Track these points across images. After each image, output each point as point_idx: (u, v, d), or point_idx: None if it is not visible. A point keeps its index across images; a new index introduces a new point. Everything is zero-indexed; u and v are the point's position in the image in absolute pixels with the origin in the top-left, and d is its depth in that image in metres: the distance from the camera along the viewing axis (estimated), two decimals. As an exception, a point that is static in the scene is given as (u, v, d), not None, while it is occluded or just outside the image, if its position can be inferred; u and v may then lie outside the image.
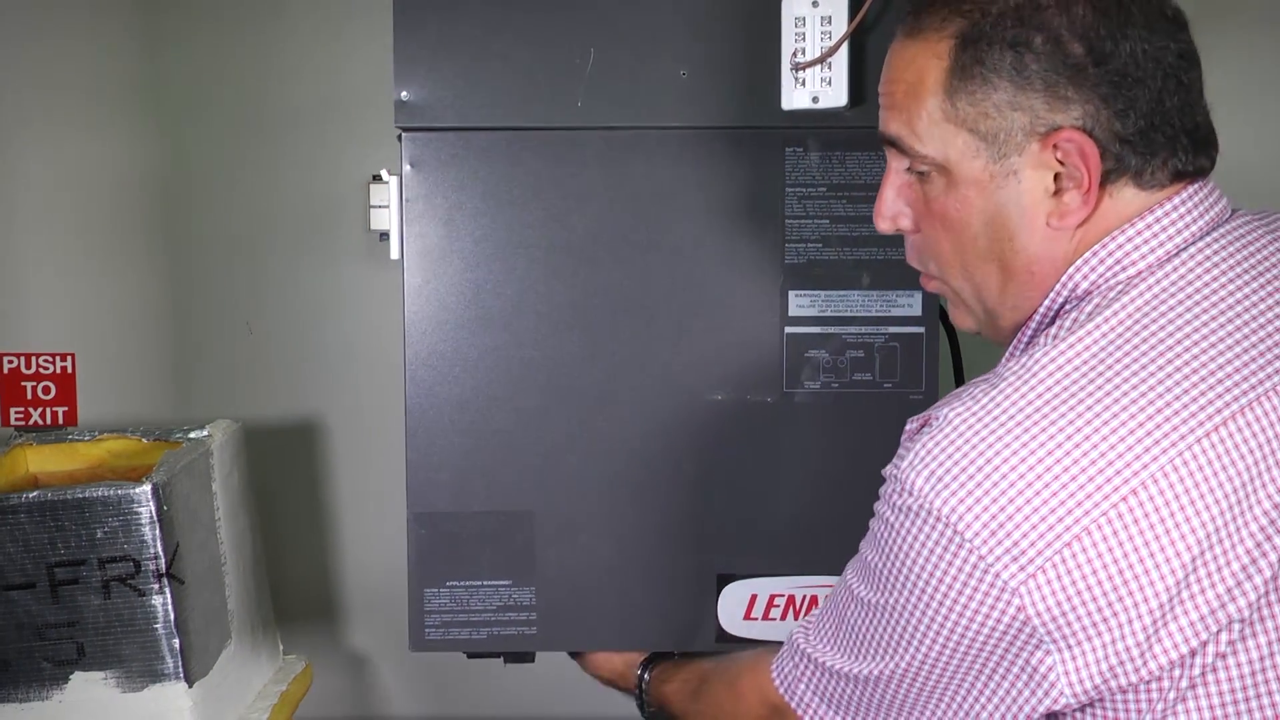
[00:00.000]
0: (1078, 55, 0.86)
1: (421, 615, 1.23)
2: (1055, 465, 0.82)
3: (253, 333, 2.00)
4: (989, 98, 0.88)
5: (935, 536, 0.84)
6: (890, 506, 0.88)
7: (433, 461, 1.22)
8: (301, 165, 1.98)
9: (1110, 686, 0.83)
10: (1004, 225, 0.90)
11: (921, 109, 0.90)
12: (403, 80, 1.20)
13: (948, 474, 0.83)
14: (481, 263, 1.22)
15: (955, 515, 0.83)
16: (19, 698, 1.48)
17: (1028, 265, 0.91)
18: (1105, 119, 0.86)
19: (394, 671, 2.09)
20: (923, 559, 0.85)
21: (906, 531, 0.86)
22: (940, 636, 0.86)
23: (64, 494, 1.43)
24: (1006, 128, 0.88)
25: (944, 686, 0.88)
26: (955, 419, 0.85)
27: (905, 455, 0.87)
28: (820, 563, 1.23)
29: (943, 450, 0.84)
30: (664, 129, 1.21)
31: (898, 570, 0.87)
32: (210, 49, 1.97)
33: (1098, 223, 0.89)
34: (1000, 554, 0.82)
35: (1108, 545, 0.81)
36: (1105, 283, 0.89)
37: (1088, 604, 0.81)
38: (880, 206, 0.97)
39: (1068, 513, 0.81)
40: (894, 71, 0.93)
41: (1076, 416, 0.83)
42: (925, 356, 1.22)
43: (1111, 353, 0.85)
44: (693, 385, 1.22)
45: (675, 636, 1.24)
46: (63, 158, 1.98)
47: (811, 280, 1.22)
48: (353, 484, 2.05)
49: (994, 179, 0.89)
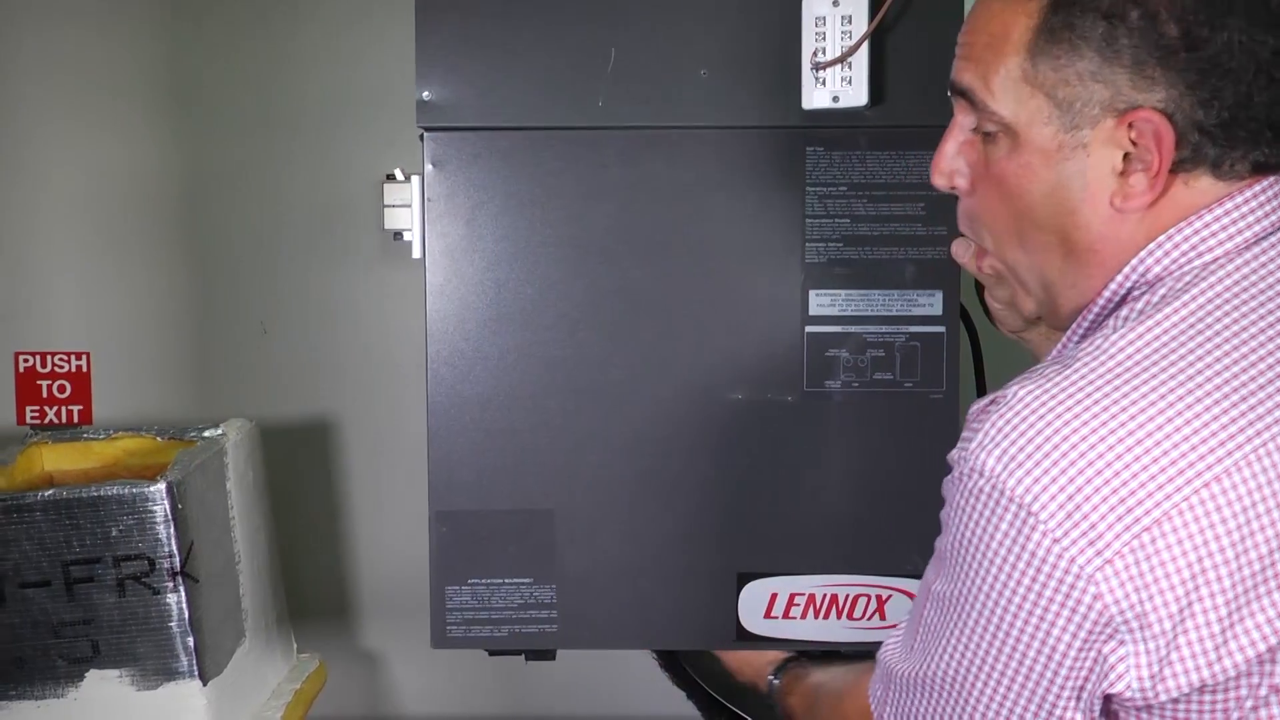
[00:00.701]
0: (1171, 37, 0.83)
1: (443, 613, 1.23)
2: (1136, 446, 0.79)
3: (267, 332, 2.01)
4: (1072, 65, 0.85)
5: (1008, 519, 0.80)
6: (959, 490, 0.84)
7: (454, 460, 1.22)
8: (315, 165, 1.98)
9: (1181, 684, 0.80)
10: (1065, 199, 0.87)
11: (1000, 64, 0.87)
12: (425, 80, 1.20)
13: (1020, 452, 0.80)
14: (503, 262, 1.22)
15: (1029, 496, 0.79)
16: (35, 695, 1.48)
17: (1091, 244, 0.88)
18: (1187, 106, 0.83)
19: (407, 670, 2.09)
20: (994, 543, 0.81)
21: (977, 515, 0.82)
22: (1014, 625, 0.82)
23: (79, 492, 1.44)
24: (1084, 98, 0.85)
25: (1009, 678, 0.84)
26: (1027, 397, 0.82)
27: (973, 435, 0.83)
28: (841, 561, 1.23)
29: (1015, 429, 0.81)
30: (685, 129, 1.21)
31: (968, 557, 0.83)
32: (225, 49, 1.98)
33: (1170, 208, 0.86)
34: (1076, 537, 0.78)
35: (1188, 532, 0.78)
36: (1179, 269, 0.86)
37: (1165, 593, 0.78)
38: (939, 160, 0.94)
39: (1148, 496, 0.78)
40: (977, 22, 0.90)
41: (1159, 399, 0.80)
42: (946, 356, 1.22)
43: (1192, 337, 0.82)
44: (713, 384, 1.22)
45: (695, 635, 1.25)
46: (78, 157, 1.98)
47: (832, 279, 1.22)
48: (366, 483, 2.05)
49: (1061, 149, 0.86)
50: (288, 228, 2.00)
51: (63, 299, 2.00)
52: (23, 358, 2.00)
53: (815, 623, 1.24)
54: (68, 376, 2.00)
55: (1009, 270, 0.94)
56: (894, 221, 1.21)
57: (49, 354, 2.00)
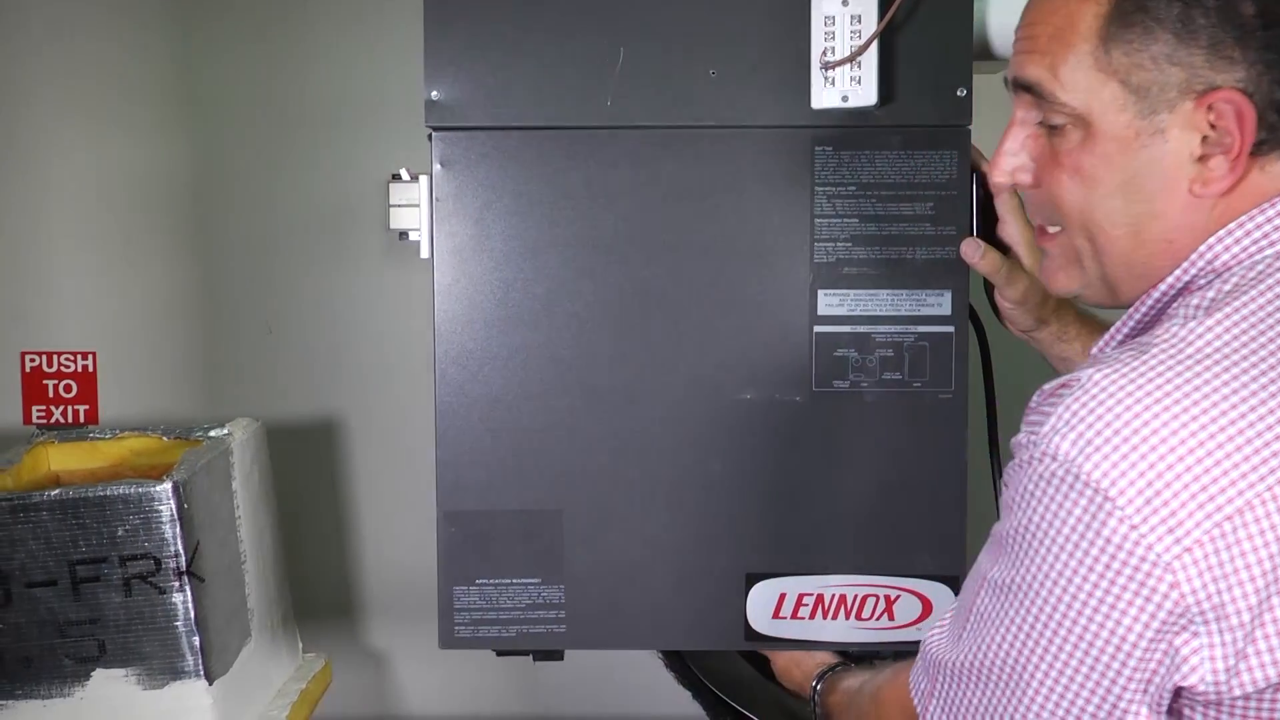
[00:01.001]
0: (1247, 16, 0.82)
1: (451, 613, 1.23)
2: (1219, 434, 0.76)
3: (273, 331, 2.01)
4: (1147, 49, 0.83)
5: (1083, 504, 0.77)
6: (1028, 475, 0.81)
7: (462, 460, 1.22)
8: (321, 164, 1.98)
9: (1257, 679, 0.78)
10: (1142, 187, 0.86)
11: (1070, 54, 0.86)
12: (433, 80, 1.20)
13: (1098, 436, 0.77)
14: (511, 261, 1.22)
15: (1106, 480, 0.77)
16: (41, 694, 1.48)
17: (1165, 233, 0.86)
18: (1266, 86, 0.82)
19: (414, 670, 2.09)
20: (1067, 529, 0.78)
21: (1048, 500, 0.79)
22: (1081, 614, 0.79)
23: (85, 492, 1.43)
24: (1161, 82, 0.83)
25: (1072, 668, 0.80)
26: (1104, 381, 0.79)
27: (1044, 419, 0.80)
28: (849, 561, 1.23)
29: (1092, 413, 0.78)
30: (694, 128, 1.21)
31: (1034, 543, 0.80)
32: (232, 50, 1.98)
33: (1243, 195, 0.84)
34: (1155, 524, 0.76)
35: (1270, 523, 0.76)
36: (1248, 258, 0.84)
37: (1244, 584, 0.76)
38: (999, 159, 0.92)
39: (1230, 484, 0.76)
40: (1038, 14, 0.88)
41: (1240, 387, 0.78)
42: (955, 356, 1.22)
43: (1271, 326, 0.80)
44: (722, 384, 1.22)
45: (704, 635, 1.24)
46: (83, 157, 1.98)
47: (841, 279, 1.22)
48: (372, 482, 2.05)
49: (1138, 136, 0.85)
50: (294, 228, 2.00)
51: (69, 299, 2.00)
52: (29, 357, 2.00)
53: (824, 623, 1.23)
54: (74, 376, 2.01)
55: (1070, 250, 0.92)
56: (903, 221, 1.21)
57: (55, 354, 2.01)
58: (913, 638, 1.23)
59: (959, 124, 1.20)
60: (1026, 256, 1.20)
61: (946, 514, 1.22)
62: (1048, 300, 1.21)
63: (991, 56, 1.23)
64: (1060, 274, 0.94)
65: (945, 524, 1.22)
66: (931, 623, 1.22)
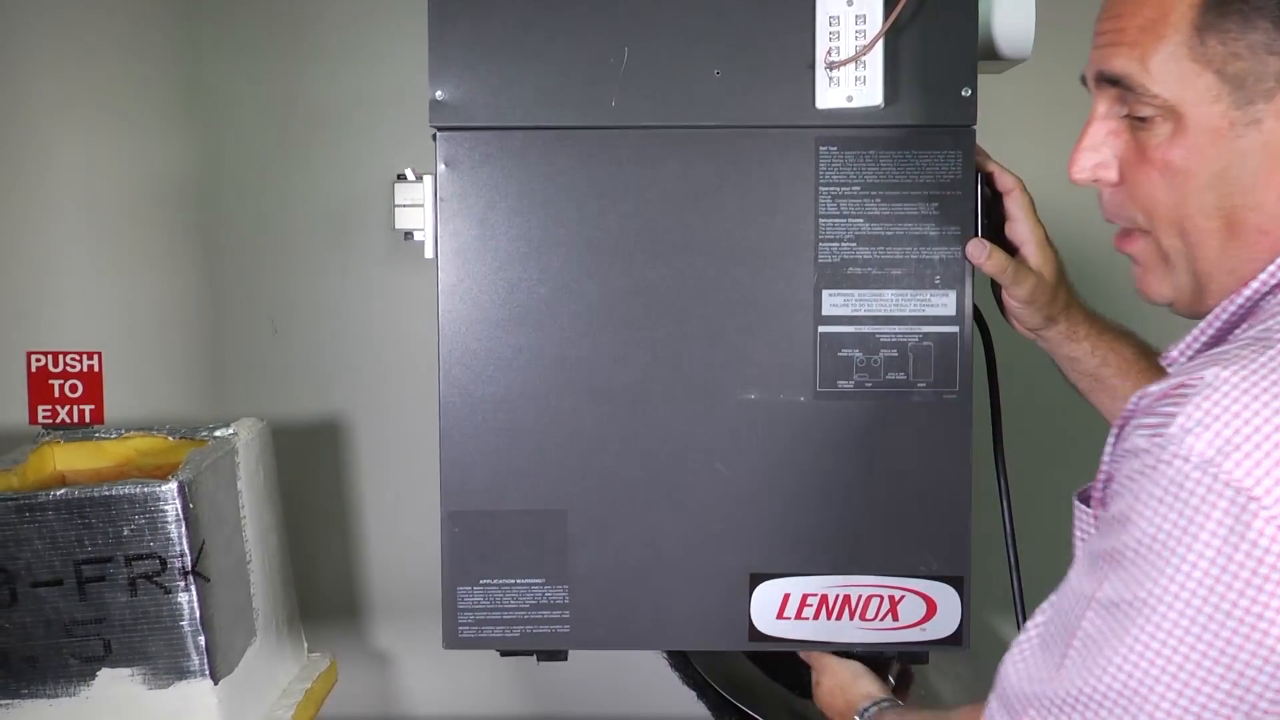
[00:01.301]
0: None
1: (455, 613, 1.23)
2: None
3: (278, 331, 2.01)
4: (1244, 37, 0.81)
5: (1223, 506, 0.73)
6: (1153, 480, 0.76)
7: (466, 460, 1.22)
8: (325, 165, 1.99)
9: None
10: (1236, 179, 0.83)
11: (1162, 45, 0.84)
12: (438, 80, 1.20)
13: (1237, 435, 0.73)
14: (515, 261, 1.22)
15: (1250, 480, 0.72)
16: (47, 694, 1.48)
17: (1260, 225, 0.83)
18: None
19: (418, 669, 2.09)
20: (1205, 534, 0.73)
21: (1181, 504, 0.74)
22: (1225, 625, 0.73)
23: (91, 492, 1.44)
24: (1258, 72, 0.81)
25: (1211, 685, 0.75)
26: (1233, 378, 0.75)
27: (1168, 420, 0.76)
28: (853, 562, 1.23)
29: (1227, 410, 0.74)
30: (698, 128, 1.21)
31: (1169, 552, 0.75)
32: (237, 50, 1.98)
33: None
34: None
35: None
36: None
37: None
38: (1078, 156, 0.90)
39: None
40: (1125, 6, 0.86)
41: None
42: (960, 356, 1.21)
43: None
44: (726, 384, 1.22)
45: (708, 635, 1.24)
46: (88, 157, 1.99)
47: (845, 280, 1.22)
48: (377, 482, 2.05)
49: (1233, 127, 0.83)
50: (298, 228, 2.00)
51: (74, 299, 2.01)
52: (35, 357, 2.01)
53: (828, 623, 1.23)
54: (79, 376, 2.01)
55: (1160, 253, 0.90)
56: (908, 221, 1.21)
57: (61, 353, 2.01)
58: (916, 638, 1.23)
59: (964, 124, 1.20)
60: (1035, 255, 1.20)
61: (951, 515, 1.22)
62: (1056, 298, 1.20)
63: (996, 57, 1.23)
64: (1152, 278, 0.92)
65: (950, 525, 1.22)
66: (934, 623, 1.22)
